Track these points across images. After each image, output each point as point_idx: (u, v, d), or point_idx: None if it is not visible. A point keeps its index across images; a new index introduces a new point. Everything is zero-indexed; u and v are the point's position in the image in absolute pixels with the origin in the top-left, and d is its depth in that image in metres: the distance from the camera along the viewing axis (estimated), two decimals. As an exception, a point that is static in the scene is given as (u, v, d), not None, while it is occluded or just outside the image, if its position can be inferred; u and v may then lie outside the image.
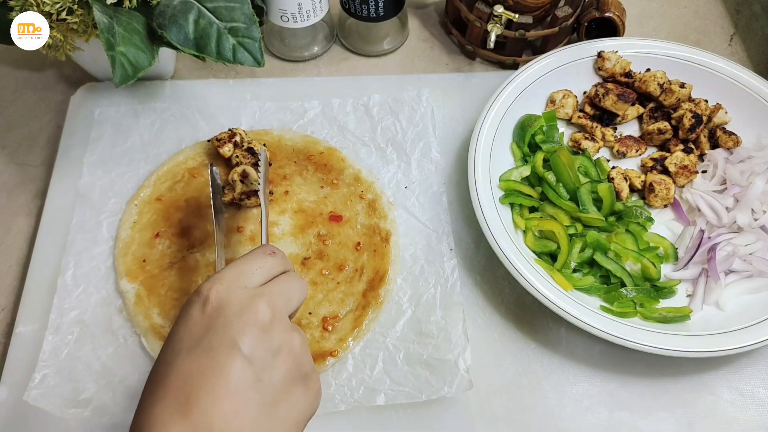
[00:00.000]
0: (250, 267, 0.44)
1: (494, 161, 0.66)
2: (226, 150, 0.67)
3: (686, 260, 0.63)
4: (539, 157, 0.68)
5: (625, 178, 0.67)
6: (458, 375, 0.57)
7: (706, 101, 0.72)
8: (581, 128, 0.73)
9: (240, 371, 0.38)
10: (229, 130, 0.69)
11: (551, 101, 0.73)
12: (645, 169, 0.70)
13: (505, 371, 0.60)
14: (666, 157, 0.69)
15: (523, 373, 0.59)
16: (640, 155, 0.72)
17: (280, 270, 0.46)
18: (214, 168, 0.60)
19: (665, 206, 0.68)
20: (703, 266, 0.63)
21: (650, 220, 0.66)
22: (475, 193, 0.63)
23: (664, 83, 0.72)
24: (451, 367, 0.57)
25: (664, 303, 0.61)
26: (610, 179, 0.67)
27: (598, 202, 0.66)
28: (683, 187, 0.68)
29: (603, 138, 0.72)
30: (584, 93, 0.75)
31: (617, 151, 0.71)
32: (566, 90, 0.73)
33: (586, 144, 0.70)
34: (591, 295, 0.61)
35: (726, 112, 0.72)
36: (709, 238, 0.64)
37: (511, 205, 0.65)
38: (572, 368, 0.60)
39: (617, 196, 0.66)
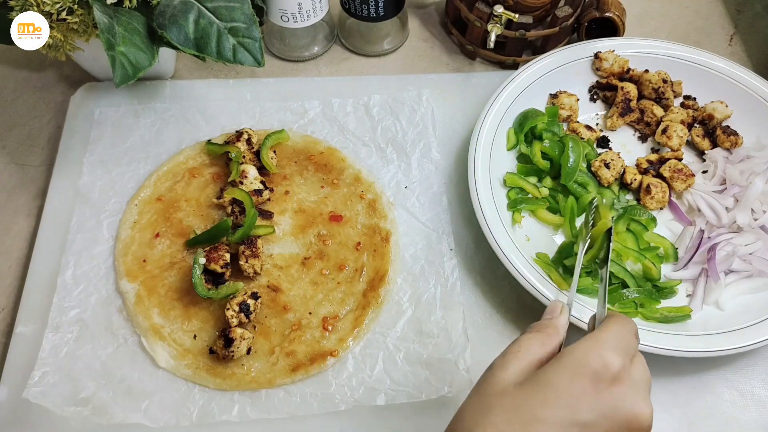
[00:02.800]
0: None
1: (494, 161, 0.66)
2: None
3: (686, 260, 0.63)
4: (537, 147, 0.68)
5: (606, 165, 0.67)
6: (458, 375, 0.57)
7: (695, 99, 0.74)
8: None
9: None
10: (236, 131, 0.68)
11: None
12: (640, 169, 0.70)
13: (505, 371, 0.59)
14: (661, 159, 0.69)
15: (523, 373, 0.59)
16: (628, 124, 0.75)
17: None
18: None
19: (660, 209, 0.68)
20: (703, 266, 0.63)
21: (653, 220, 0.66)
22: (475, 193, 0.63)
23: (659, 87, 0.72)
24: (451, 367, 0.57)
25: (664, 303, 0.61)
26: (590, 167, 0.68)
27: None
28: (682, 192, 0.68)
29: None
30: (588, 89, 0.75)
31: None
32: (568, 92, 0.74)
33: (585, 133, 0.71)
34: (592, 297, 0.61)
35: (726, 106, 0.72)
36: (709, 238, 0.64)
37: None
38: (572, 368, 0.60)
39: (599, 182, 0.68)
